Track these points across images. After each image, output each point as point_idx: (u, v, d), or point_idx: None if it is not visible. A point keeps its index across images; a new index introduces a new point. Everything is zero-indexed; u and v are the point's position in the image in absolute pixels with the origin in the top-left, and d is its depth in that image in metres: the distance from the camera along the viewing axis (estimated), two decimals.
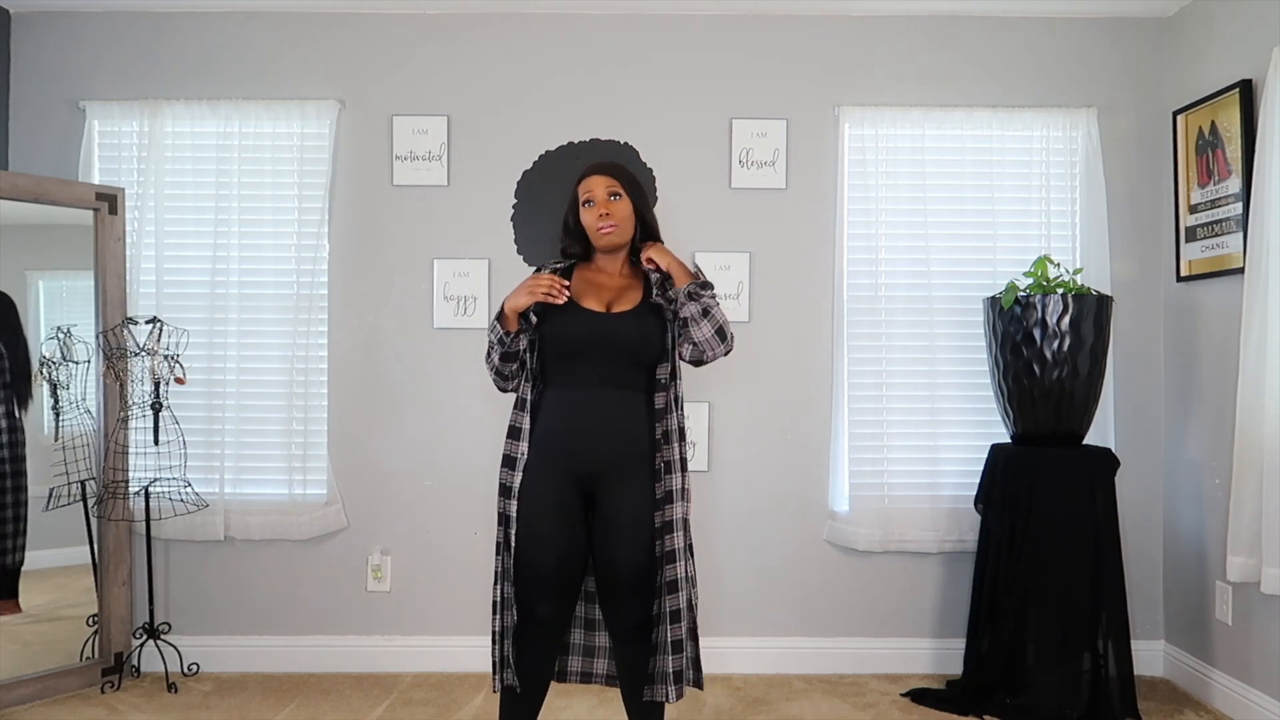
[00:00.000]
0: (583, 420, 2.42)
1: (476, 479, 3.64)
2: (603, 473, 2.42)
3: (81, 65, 3.67)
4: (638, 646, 2.49)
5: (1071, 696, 3.11)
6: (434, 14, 3.68)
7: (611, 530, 2.43)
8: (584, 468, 2.42)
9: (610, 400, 2.43)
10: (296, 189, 3.64)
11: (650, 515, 2.43)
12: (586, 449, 2.42)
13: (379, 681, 3.54)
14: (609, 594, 2.49)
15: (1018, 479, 3.25)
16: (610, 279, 2.53)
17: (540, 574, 2.41)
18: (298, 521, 3.61)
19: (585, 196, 2.51)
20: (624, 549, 2.42)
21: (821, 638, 3.67)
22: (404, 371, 3.68)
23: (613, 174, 2.52)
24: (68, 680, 3.39)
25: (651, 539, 2.43)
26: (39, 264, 3.56)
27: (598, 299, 2.48)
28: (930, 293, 3.62)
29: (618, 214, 2.48)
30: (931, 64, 3.67)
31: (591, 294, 2.49)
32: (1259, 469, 2.95)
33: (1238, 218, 3.19)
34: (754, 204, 3.68)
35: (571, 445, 2.42)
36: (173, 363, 3.44)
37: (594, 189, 2.50)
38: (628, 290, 2.51)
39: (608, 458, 2.42)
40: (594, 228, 2.49)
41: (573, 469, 2.42)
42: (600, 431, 2.42)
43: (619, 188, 2.50)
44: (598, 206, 2.49)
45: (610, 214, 2.48)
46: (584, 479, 2.44)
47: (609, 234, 2.48)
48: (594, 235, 2.51)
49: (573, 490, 2.43)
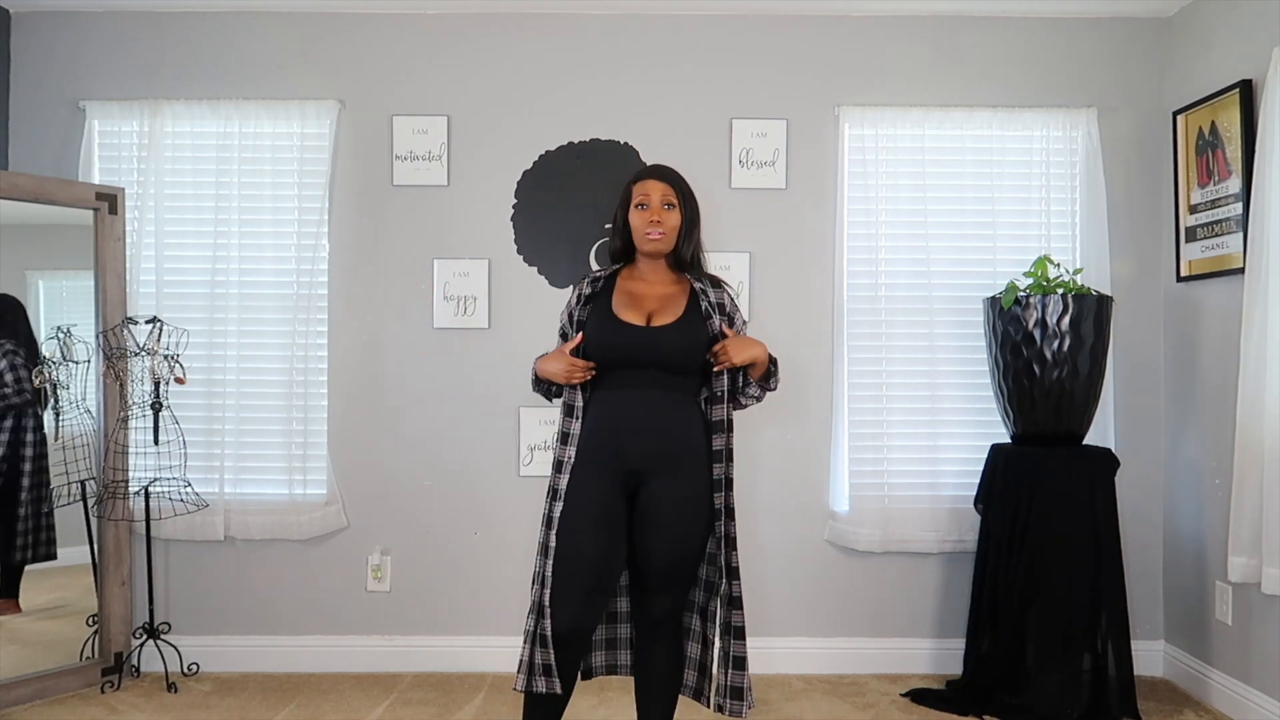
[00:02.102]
0: (625, 422, 2.44)
1: (477, 479, 3.64)
2: (645, 470, 2.44)
3: (81, 65, 3.67)
4: (660, 645, 2.54)
5: (1071, 696, 3.11)
6: (434, 14, 3.68)
7: (649, 521, 2.45)
8: (627, 466, 2.44)
9: (652, 401, 2.45)
10: (296, 189, 3.64)
11: (689, 510, 2.44)
12: (628, 448, 2.43)
13: (379, 681, 3.54)
14: (640, 585, 2.53)
15: (1018, 479, 3.25)
16: (651, 287, 2.54)
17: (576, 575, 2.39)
18: (298, 521, 3.61)
19: (640, 199, 2.52)
20: (660, 540, 2.44)
21: (821, 638, 3.67)
22: (404, 371, 3.68)
23: (671, 183, 2.53)
24: (67, 680, 3.39)
25: (689, 533, 2.45)
26: (39, 264, 3.55)
27: (638, 310, 2.49)
28: (930, 293, 3.62)
29: (668, 223, 2.50)
30: (931, 64, 3.67)
31: (632, 305, 2.50)
32: (1259, 469, 2.95)
33: (1238, 218, 3.19)
34: (754, 204, 3.68)
35: (615, 445, 2.44)
36: (173, 363, 3.44)
37: (650, 193, 2.51)
38: (670, 300, 2.51)
39: (650, 456, 2.43)
40: (642, 231, 2.50)
41: (616, 468, 2.44)
42: (641, 432, 2.44)
43: (674, 198, 2.52)
44: (651, 212, 2.50)
45: (661, 222, 2.49)
46: (628, 477, 2.45)
47: (656, 242, 2.49)
48: (639, 238, 2.52)
49: (618, 491, 2.45)
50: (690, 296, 2.52)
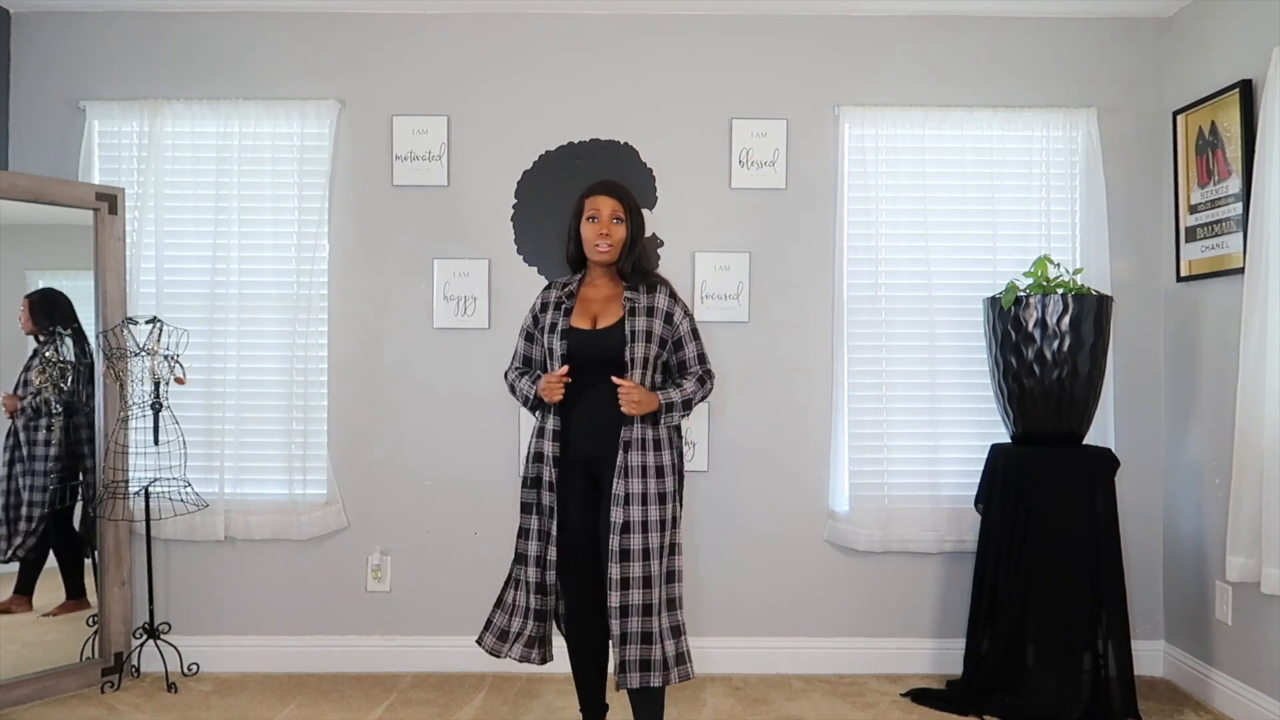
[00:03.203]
0: (579, 418, 2.71)
1: (476, 479, 3.64)
2: (602, 458, 2.69)
3: (81, 65, 3.67)
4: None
5: (1071, 696, 3.11)
6: (434, 14, 3.68)
7: (605, 507, 2.69)
8: (586, 455, 2.71)
9: (601, 397, 2.67)
10: (296, 189, 3.64)
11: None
12: (585, 440, 2.71)
13: (379, 681, 3.55)
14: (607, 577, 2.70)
15: (1018, 479, 3.25)
16: (598, 291, 2.80)
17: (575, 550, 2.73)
18: (298, 521, 3.61)
19: (590, 212, 2.76)
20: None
21: (821, 638, 3.67)
22: (404, 371, 3.68)
23: (620, 199, 2.78)
24: (67, 680, 3.39)
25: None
26: (39, 264, 3.55)
27: (586, 315, 2.76)
28: (930, 293, 3.62)
29: (615, 236, 2.75)
30: (931, 64, 3.67)
31: (582, 311, 2.77)
32: (1259, 469, 2.95)
33: (1238, 218, 3.18)
34: (754, 204, 3.68)
35: (575, 438, 2.72)
36: (173, 363, 3.44)
37: (600, 209, 2.76)
38: (611, 302, 2.77)
39: (604, 445, 2.68)
40: (591, 243, 2.76)
41: (579, 458, 2.72)
42: (594, 425, 2.69)
43: (623, 213, 2.77)
44: (600, 225, 2.75)
45: (609, 234, 2.74)
46: (589, 466, 2.73)
47: (604, 254, 2.75)
48: (589, 249, 2.77)
49: (585, 479, 2.74)
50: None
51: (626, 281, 2.77)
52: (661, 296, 2.75)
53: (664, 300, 2.75)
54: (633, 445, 2.64)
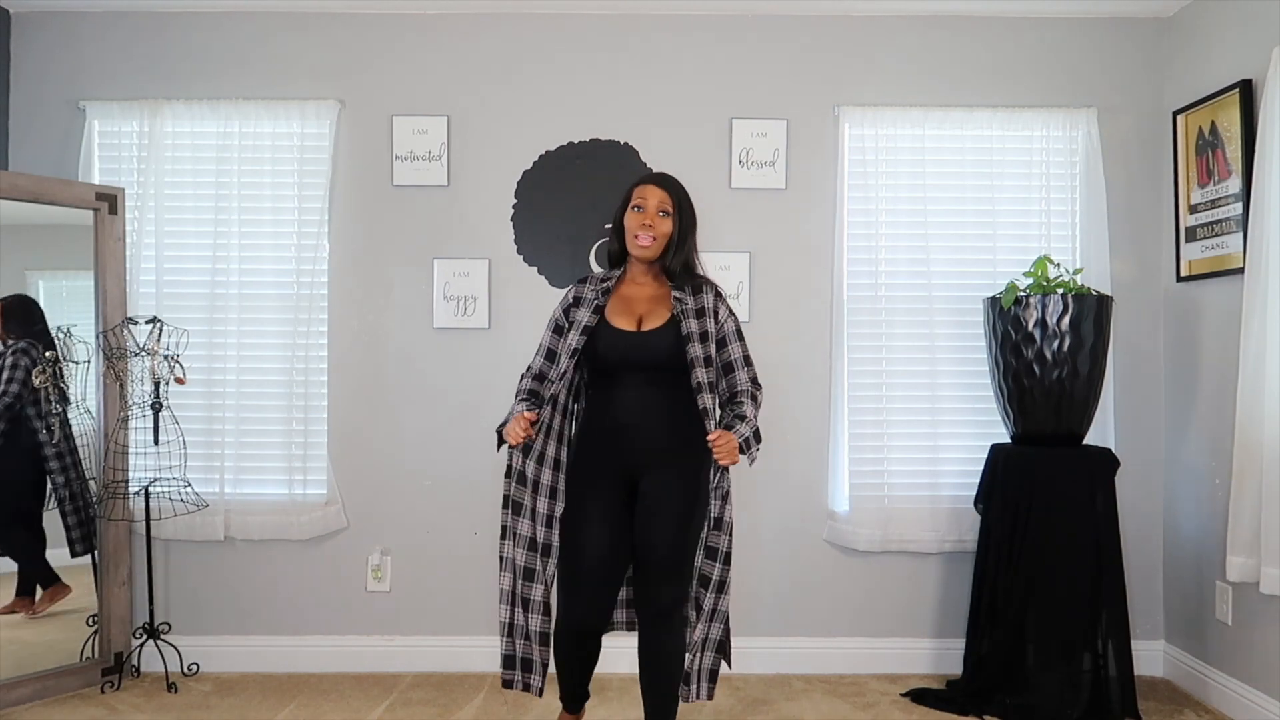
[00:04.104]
0: (623, 419, 2.57)
1: (476, 479, 3.64)
2: (645, 464, 2.56)
3: (81, 65, 3.67)
4: (664, 633, 2.57)
5: (1071, 696, 3.11)
6: (434, 14, 3.68)
7: (650, 515, 2.55)
8: (627, 461, 2.57)
9: (648, 399, 2.56)
10: (296, 189, 3.64)
11: (689, 503, 2.55)
12: (626, 445, 2.56)
13: (379, 681, 3.55)
14: (643, 576, 2.59)
15: (1018, 479, 3.25)
16: (641, 290, 2.66)
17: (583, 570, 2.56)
18: (298, 521, 3.61)
19: (637, 201, 2.62)
20: (660, 533, 2.54)
21: (821, 638, 3.67)
22: (404, 371, 3.68)
23: (671, 191, 2.63)
24: (68, 680, 3.39)
25: (687, 524, 2.55)
26: (39, 264, 3.55)
27: (629, 315, 2.60)
28: (930, 293, 3.62)
29: (659, 229, 2.60)
30: (931, 64, 3.67)
31: (624, 310, 2.62)
32: (1259, 469, 2.95)
33: (1238, 218, 3.19)
34: (754, 204, 3.68)
35: (614, 443, 2.57)
36: (173, 363, 3.44)
37: (647, 198, 2.61)
38: (658, 303, 2.63)
39: (647, 451, 2.56)
40: (631, 232, 2.61)
41: (616, 464, 2.57)
42: (638, 429, 2.56)
43: (670, 206, 2.62)
44: (645, 215, 2.60)
45: (653, 226, 2.59)
46: (627, 472, 2.58)
47: (645, 247, 2.60)
48: (629, 239, 2.62)
49: (617, 485, 2.58)
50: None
51: (674, 282, 2.63)
52: (708, 296, 2.64)
53: (711, 299, 2.63)
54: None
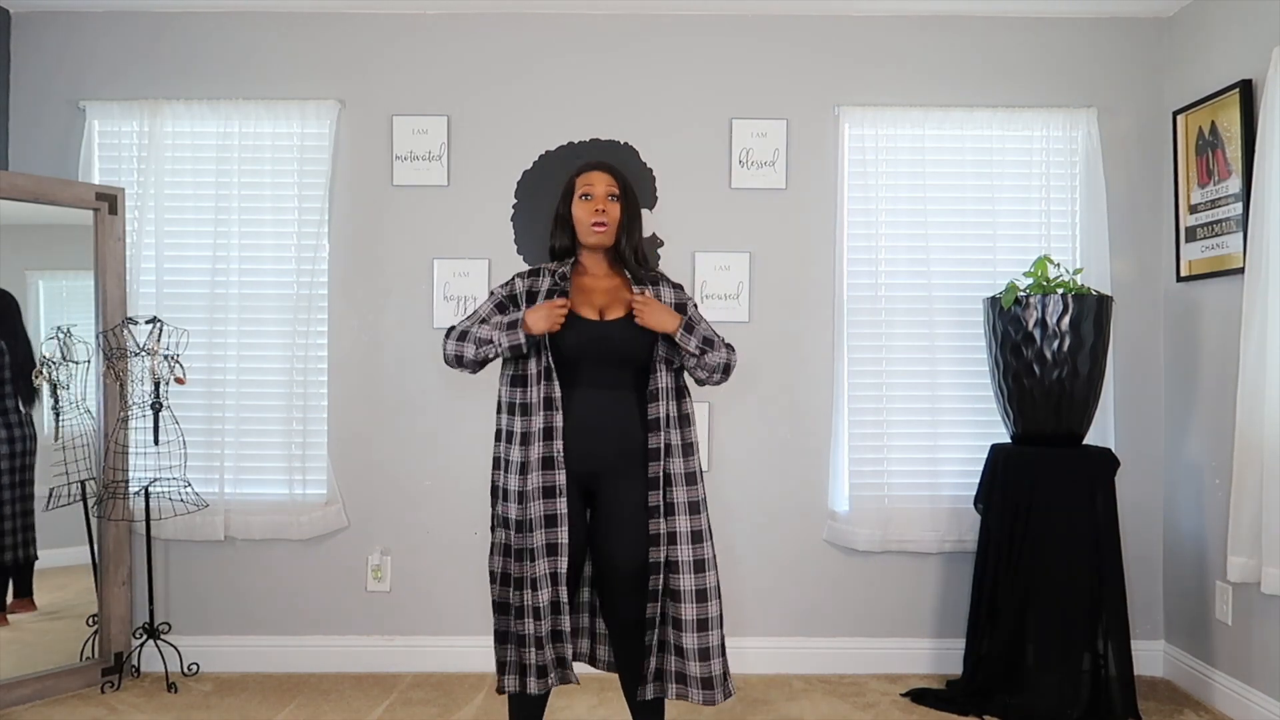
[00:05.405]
0: (581, 421, 2.44)
1: (477, 479, 3.63)
2: (604, 471, 2.46)
3: (81, 65, 3.67)
4: (636, 642, 2.50)
5: (1071, 696, 3.11)
6: (434, 14, 3.68)
7: (610, 527, 2.46)
8: (585, 468, 2.45)
9: (605, 400, 2.45)
10: (296, 189, 3.64)
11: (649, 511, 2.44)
12: (585, 448, 2.44)
13: (379, 681, 3.55)
14: (607, 591, 2.51)
15: (1018, 479, 3.25)
16: (597, 280, 2.55)
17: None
18: (298, 521, 3.61)
19: (584, 190, 2.51)
20: (622, 546, 2.45)
21: (821, 638, 3.67)
22: (404, 371, 3.68)
23: (615, 175, 2.54)
24: (68, 680, 3.39)
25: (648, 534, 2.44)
26: (39, 264, 3.56)
27: (590, 305, 2.49)
28: (930, 293, 3.62)
29: (612, 215, 2.50)
30: (931, 64, 3.67)
31: (584, 300, 2.49)
32: (1259, 469, 2.95)
33: (1238, 218, 3.19)
34: (754, 204, 3.68)
35: (574, 446, 2.43)
36: (173, 363, 3.44)
37: (595, 184, 2.51)
38: (616, 292, 2.53)
39: (605, 456, 2.45)
40: (587, 223, 2.49)
41: (573, 468, 2.43)
42: (598, 431, 2.44)
43: (618, 190, 2.52)
44: (595, 202, 2.49)
45: (605, 212, 2.49)
46: (585, 478, 2.47)
47: (601, 234, 2.50)
48: (583, 230, 2.51)
49: (575, 490, 2.46)
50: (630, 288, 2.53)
51: (630, 271, 2.54)
52: (665, 289, 2.56)
53: (668, 292, 2.55)
54: (672, 451, 2.44)
